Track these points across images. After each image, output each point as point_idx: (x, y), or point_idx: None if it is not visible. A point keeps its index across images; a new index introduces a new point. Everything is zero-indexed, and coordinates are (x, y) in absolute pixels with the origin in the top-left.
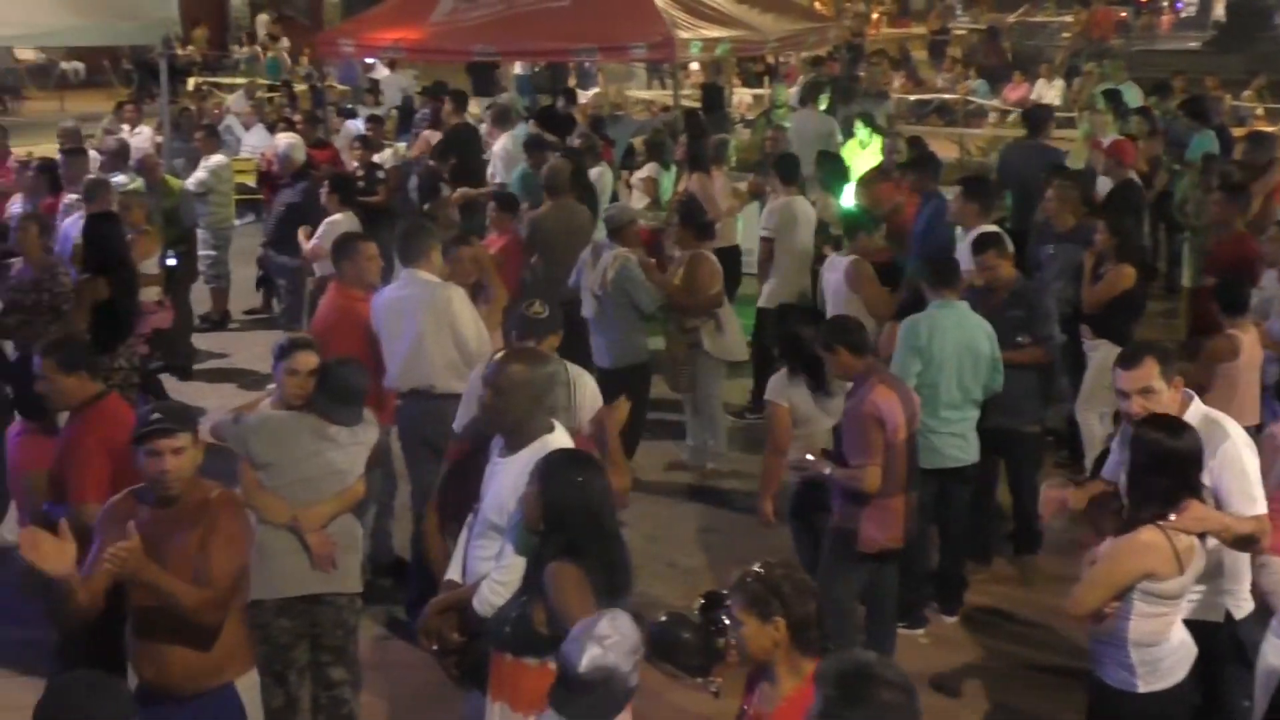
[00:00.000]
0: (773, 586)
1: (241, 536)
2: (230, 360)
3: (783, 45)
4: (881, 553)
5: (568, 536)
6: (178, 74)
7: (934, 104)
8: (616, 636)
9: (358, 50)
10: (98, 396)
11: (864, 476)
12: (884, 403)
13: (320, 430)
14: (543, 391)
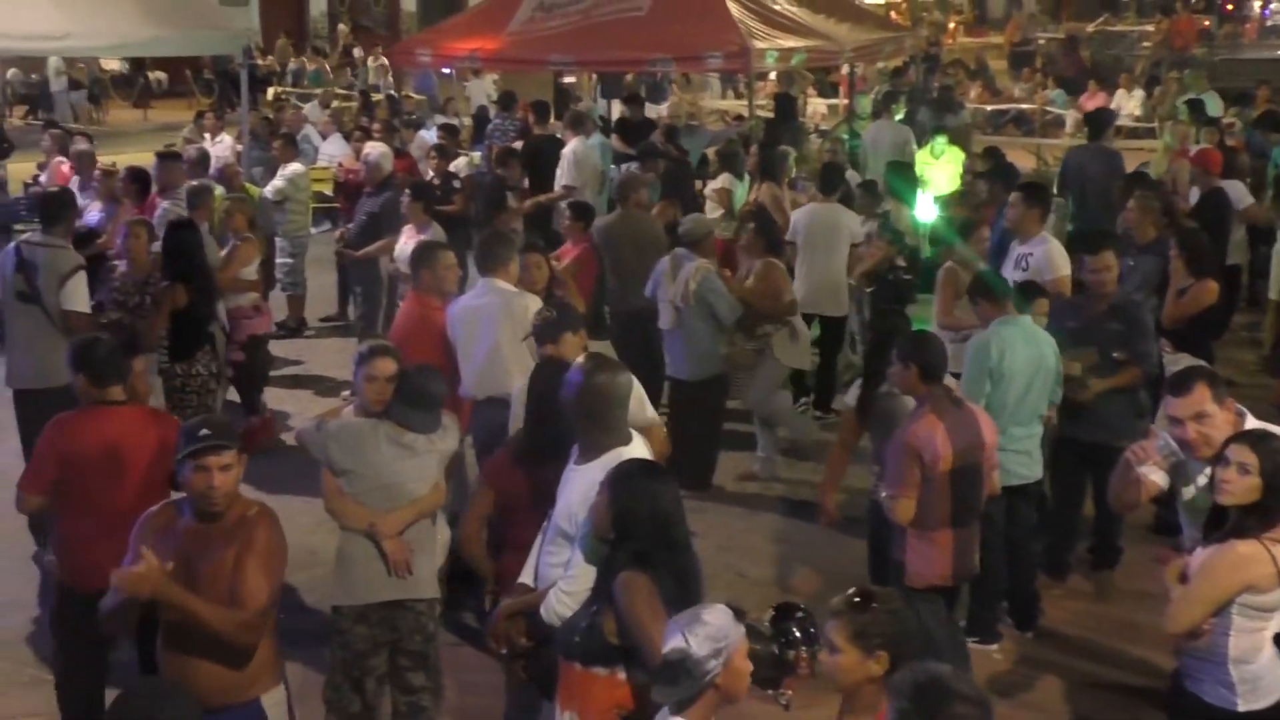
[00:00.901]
0: (879, 621)
1: (277, 557)
2: (306, 367)
3: (858, 55)
4: (931, 589)
5: (637, 546)
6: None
7: (1011, 114)
8: (707, 626)
9: (434, 60)
10: (99, 401)
11: (895, 509)
12: (925, 434)
13: (397, 437)
14: (611, 399)
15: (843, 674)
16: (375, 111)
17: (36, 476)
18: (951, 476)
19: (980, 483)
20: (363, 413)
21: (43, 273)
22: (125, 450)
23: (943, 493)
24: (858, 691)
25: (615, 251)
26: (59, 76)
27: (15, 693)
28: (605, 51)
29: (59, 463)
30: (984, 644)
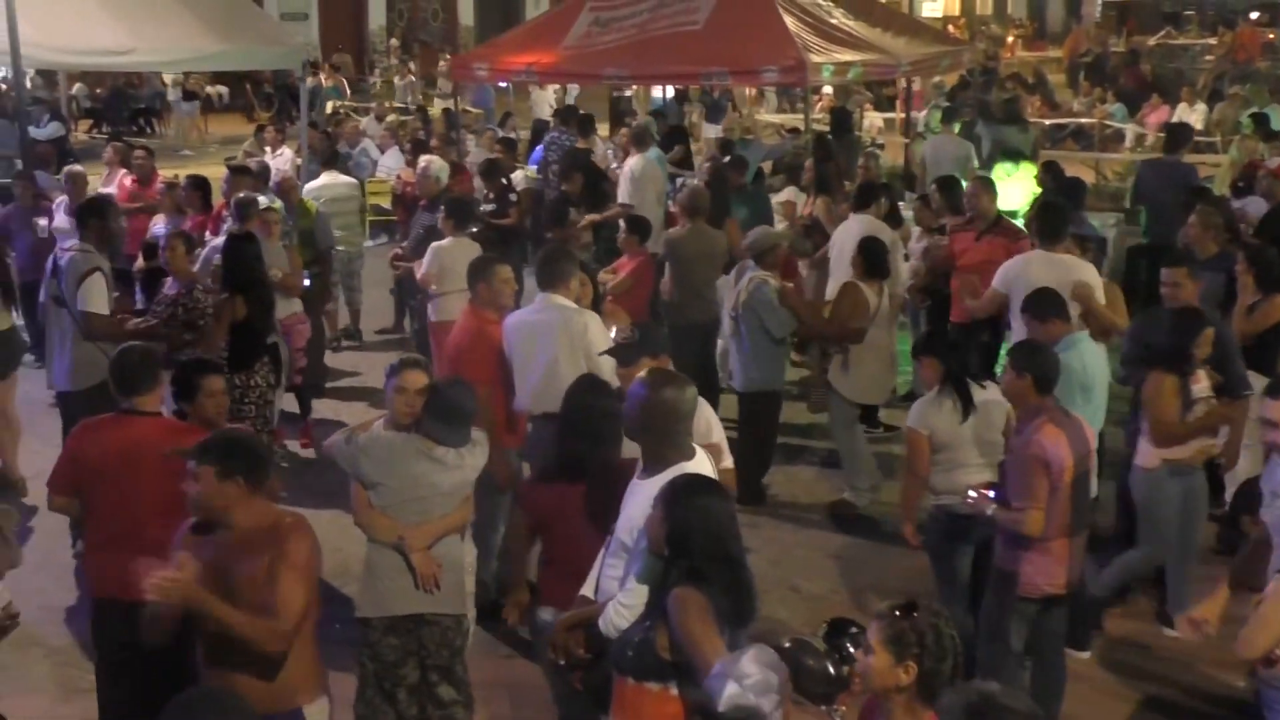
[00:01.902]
0: (917, 630)
1: (310, 566)
2: (361, 379)
3: (915, 69)
4: (1045, 597)
5: (692, 562)
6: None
7: (1070, 128)
8: (758, 675)
9: (491, 74)
10: (125, 409)
11: (1025, 521)
12: (1051, 444)
13: (428, 451)
14: (685, 416)
15: (872, 676)
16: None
17: (59, 477)
18: (1076, 484)
19: (1089, 491)
20: (393, 426)
21: (66, 276)
22: (139, 460)
23: (1065, 502)
24: (890, 701)
25: (681, 265)
26: (175, 87)
27: (74, 698)
28: (661, 65)
29: (77, 466)
30: (1078, 650)
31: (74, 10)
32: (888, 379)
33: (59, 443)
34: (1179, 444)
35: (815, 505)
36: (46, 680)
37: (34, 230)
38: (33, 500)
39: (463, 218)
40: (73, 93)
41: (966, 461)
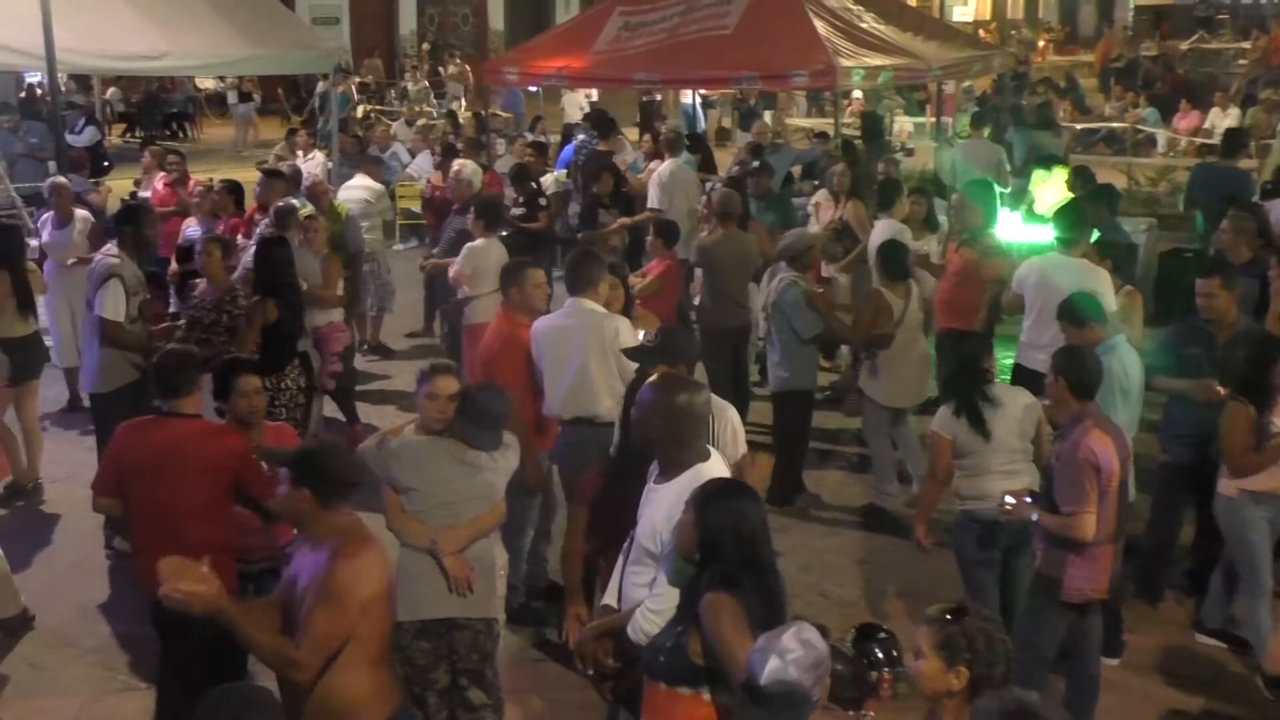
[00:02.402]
0: (968, 635)
1: (345, 597)
2: (391, 382)
3: (946, 73)
4: (1086, 602)
5: (724, 567)
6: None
7: (1101, 133)
8: (800, 651)
9: (521, 78)
10: (164, 412)
11: (1078, 526)
12: (1100, 448)
13: (460, 455)
14: (698, 420)
15: (923, 680)
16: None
17: (102, 478)
18: (1120, 489)
19: (1128, 496)
20: (424, 431)
21: (90, 279)
22: (171, 464)
23: (1113, 507)
24: (940, 706)
25: (714, 271)
26: (231, 91)
27: (106, 699)
28: (691, 69)
29: (120, 467)
30: (1110, 657)
31: (108, 16)
32: (920, 383)
33: (91, 444)
34: (1253, 474)
35: (844, 509)
36: (80, 681)
37: None
38: (63, 501)
39: (494, 218)
40: (106, 97)
41: (992, 468)
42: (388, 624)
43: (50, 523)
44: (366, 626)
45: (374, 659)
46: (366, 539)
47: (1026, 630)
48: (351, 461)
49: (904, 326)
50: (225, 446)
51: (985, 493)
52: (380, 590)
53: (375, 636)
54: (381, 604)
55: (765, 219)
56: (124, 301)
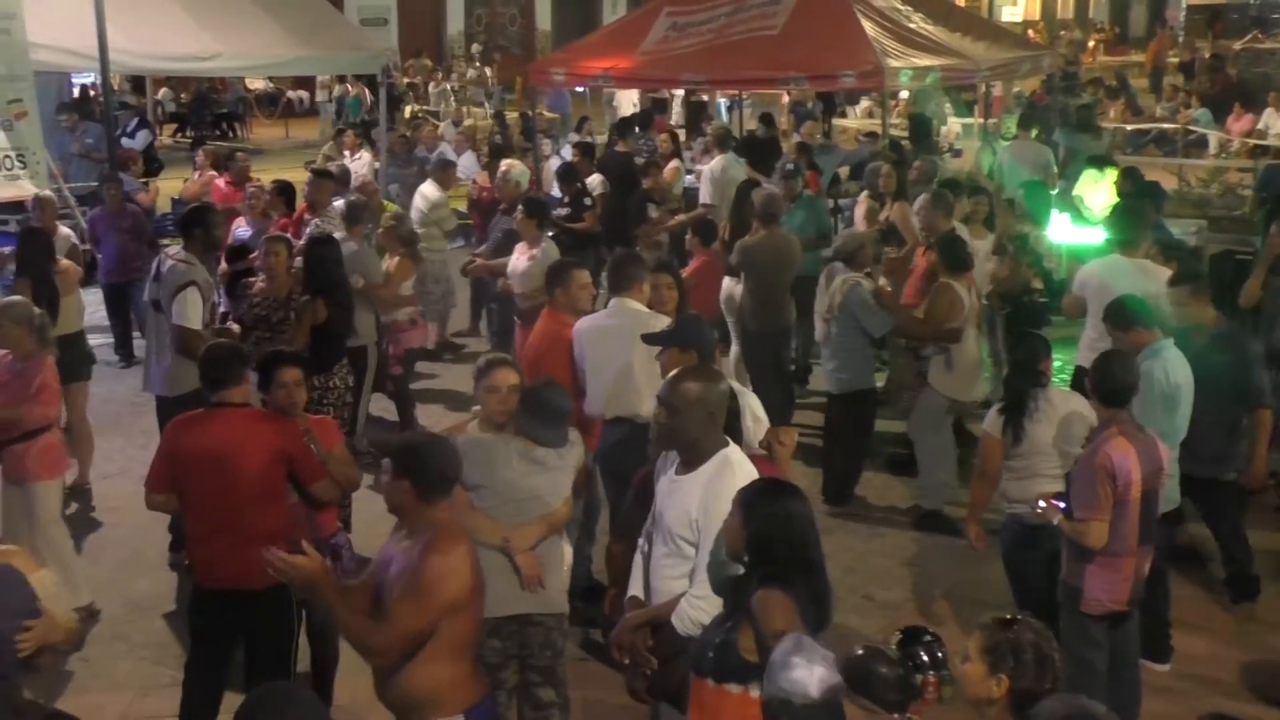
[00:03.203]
0: (1014, 645)
1: (431, 591)
2: (439, 381)
3: (995, 74)
4: (1109, 615)
5: (773, 568)
6: (395, 102)
7: (1152, 134)
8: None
9: (568, 79)
10: (214, 404)
11: (1087, 532)
12: (1118, 456)
13: (527, 452)
14: (715, 408)
15: (968, 685)
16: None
17: (154, 475)
18: (1144, 500)
19: (1157, 508)
20: (489, 426)
21: (164, 285)
22: (229, 452)
23: (1134, 518)
24: (981, 712)
25: (756, 272)
26: (323, 89)
27: (155, 694)
28: (738, 70)
29: (171, 462)
30: (1158, 663)
31: (161, 17)
32: (980, 376)
33: (144, 442)
34: None
35: (889, 511)
36: (130, 676)
37: (121, 233)
38: (114, 497)
39: (542, 217)
40: (158, 98)
41: (1042, 471)
42: (475, 621)
43: (101, 519)
44: (451, 623)
45: (457, 653)
46: (459, 536)
47: (1066, 639)
48: (454, 457)
49: (970, 320)
50: (281, 430)
51: (1034, 496)
52: (467, 589)
53: (460, 633)
54: (468, 602)
55: (795, 219)
56: (200, 309)
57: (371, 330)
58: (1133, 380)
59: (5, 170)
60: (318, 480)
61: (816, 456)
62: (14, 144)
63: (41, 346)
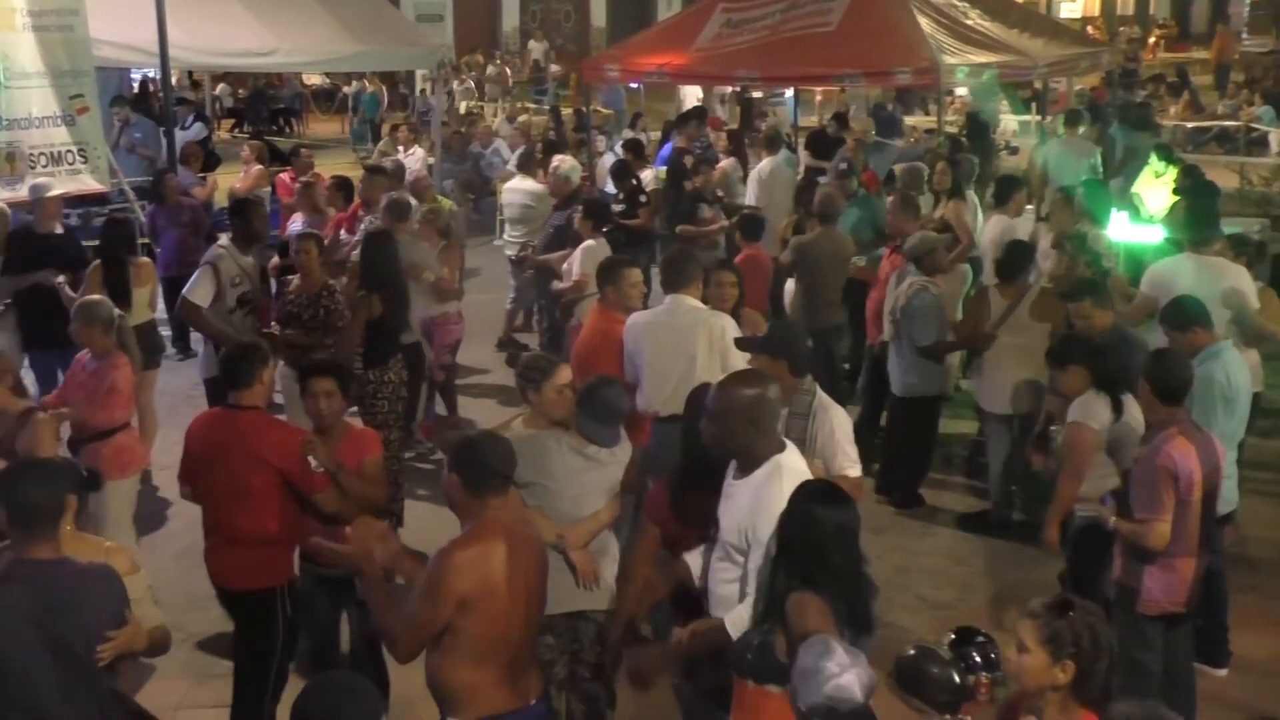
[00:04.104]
0: (1074, 630)
1: (436, 588)
2: (491, 376)
3: (1053, 71)
4: (1165, 616)
5: (801, 567)
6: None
7: (1213, 131)
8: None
9: (622, 75)
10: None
11: (1149, 533)
12: (1180, 456)
13: (581, 449)
14: (758, 414)
15: (1028, 676)
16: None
17: (180, 467)
18: (1204, 501)
19: (1215, 508)
20: (539, 423)
21: None
22: (220, 455)
23: (1194, 518)
24: (1043, 700)
25: (811, 270)
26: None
27: (210, 683)
28: (793, 67)
29: (186, 456)
30: (1215, 668)
31: (220, 13)
32: (1027, 389)
33: None
34: None
35: (943, 511)
36: (186, 666)
37: (180, 227)
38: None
39: (601, 218)
40: (216, 93)
41: (1110, 470)
42: (498, 627)
43: (160, 510)
44: (466, 621)
45: (479, 656)
46: (488, 534)
47: (1121, 644)
48: (506, 454)
49: (1011, 328)
50: (272, 441)
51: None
52: (486, 587)
53: (478, 635)
54: (489, 602)
55: (849, 219)
56: (211, 288)
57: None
58: (1189, 376)
59: (67, 164)
60: (316, 492)
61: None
62: (76, 139)
63: (117, 346)
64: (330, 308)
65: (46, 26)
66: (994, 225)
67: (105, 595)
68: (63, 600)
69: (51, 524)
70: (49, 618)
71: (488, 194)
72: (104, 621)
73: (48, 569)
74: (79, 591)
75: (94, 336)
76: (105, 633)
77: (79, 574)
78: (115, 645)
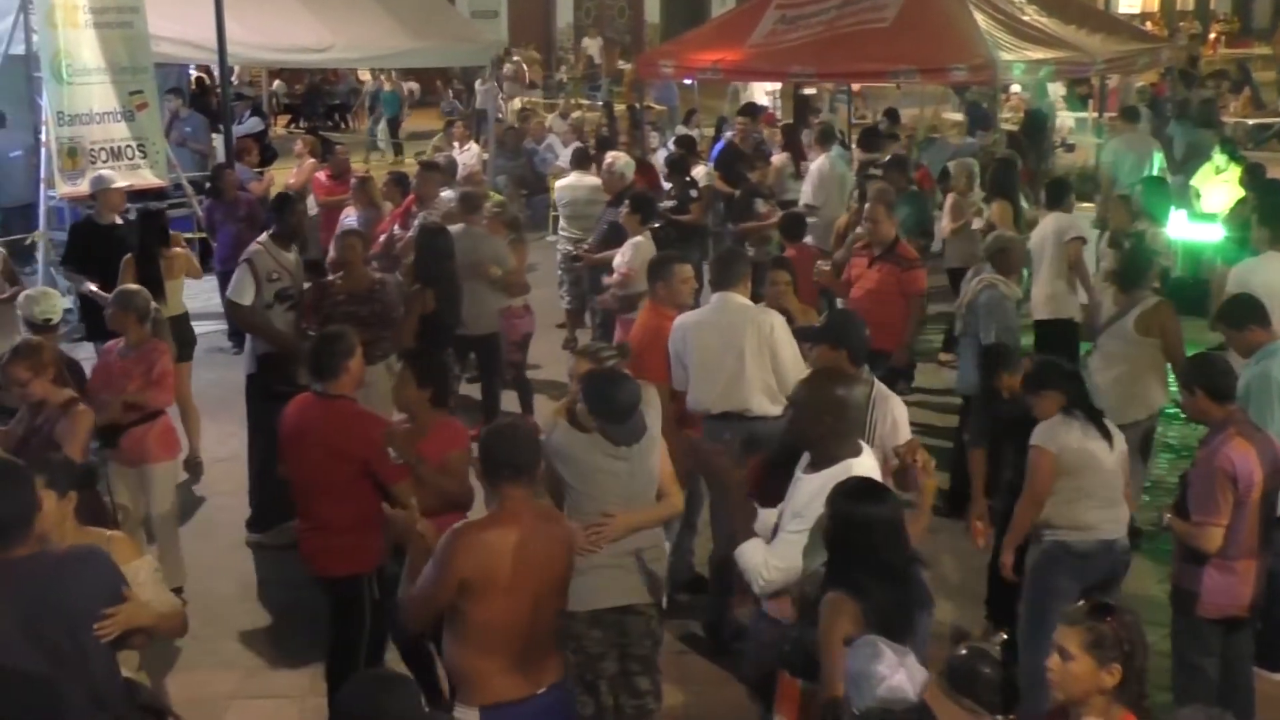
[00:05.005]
0: (1119, 633)
1: (440, 567)
2: (542, 371)
3: (1111, 67)
4: (1225, 619)
5: (848, 569)
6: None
7: (1275, 128)
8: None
9: (677, 71)
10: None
11: (1203, 535)
12: (1239, 457)
13: (610, 452)
14: (829, 411)
15: (1074, 682)
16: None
17: (278, 448)
18: (1263, 501)
19: (1275, 508)
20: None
21: None
22: (310, 441)
23: (1254, 520)
24: (1086, 705)
25: None
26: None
27: (262, 673)
28: (848, 63)
29: (278, 438)
30: (1274, 671)
31: (277, 9)
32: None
33: None
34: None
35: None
36: (237, 657)
37: (236, 222)
38: (226, 480)
39: (648, 212)
40: (273, 89)
41: (1094, 494)
42: (506, 613)
43: (213, 501)
44: (468, 605)
45: (482, 644)
46: (499, 521)
47: (1177, 648)
48: (518, 444)
49: (1114, 334)
50: (353, 431)
51: (1081, 521)
52: (486, 573)
53: (481, 621)
54: (490, 587)
55: (899, 213)
56: (250, 285)
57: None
58: (1231, 370)
59: (127, 159)
60: (393, 483)
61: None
62: (135, 134)
63: (152, 335)
64: (385, 301)
65: (107, 23)
66: (1049, 223)
67: (92, 575)
68: (44, 590)
69: (23, 528)
70: (33, 611)
71: (541, 190)
72: (95, 602)
73: (24, 565)
74: (60, 578)
75: (129, 324)
76: (100, 610)
77: (58, 561)
78: (116, 621)
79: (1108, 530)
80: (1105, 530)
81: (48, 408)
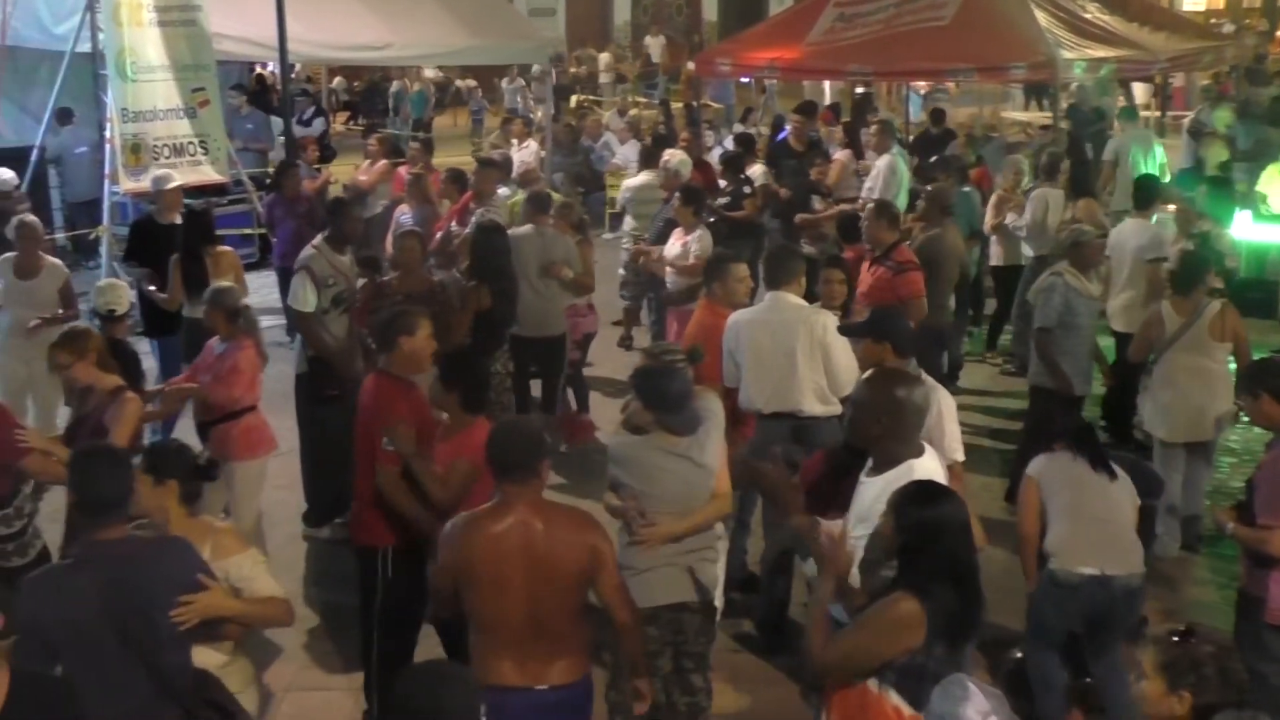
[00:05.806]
0: (1195, 661)
1: (440, 548)
2: (597, 369)
3: (1174, 65)
4: None
5: (918, 577)
6: (561, 92)
7: None
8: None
9: (734, 70)
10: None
11: (1270, 539)
12: None
13: (669, 448)
14: (887, 412)
15: (1144, 702)
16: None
17: None
18: None
19: None
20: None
21: None
22: (363, 412)
23: None
24: None
25: (930, 267)
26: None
27: (319, 665)
28: (906, 62)
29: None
30: None
31: (337, 8)
32: (1197, 415)
33: None
34: None
35: None
36: (295, 650)
37: (296, 219)
38: (282, 475)
39: (699, 204)
40: (333, 86)
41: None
42: (493, 603)
43: (270, 495)
44: (463, 591)
45: (479, 625)
46: (493, 515)
47: (1242, 649)
48: (520, 444)
49: (1188, 347)
50: (379, 408)
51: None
52: (466, 564)
53: (475, 607)
54: (473, 578)
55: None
56: (311, 292)
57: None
58: None
59: (189, 156)
60: (380, 464)
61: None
62: (197, 131)
63: (241, 331)
64: (444, 303)
65: (171, 21)
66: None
67: (175, 563)
68: (123, 572)
69: (118, 511)
70: (115, 594)
71: (597, 188)
72: (171, 589)
73: (114, 548)
74: (139, 563)
75: (218, 321)
76: (176, 599)
77: (143, 546)
78: (193, 609)
79: (1104, 566)
80: (1094, 566)
81: (96, 394)
